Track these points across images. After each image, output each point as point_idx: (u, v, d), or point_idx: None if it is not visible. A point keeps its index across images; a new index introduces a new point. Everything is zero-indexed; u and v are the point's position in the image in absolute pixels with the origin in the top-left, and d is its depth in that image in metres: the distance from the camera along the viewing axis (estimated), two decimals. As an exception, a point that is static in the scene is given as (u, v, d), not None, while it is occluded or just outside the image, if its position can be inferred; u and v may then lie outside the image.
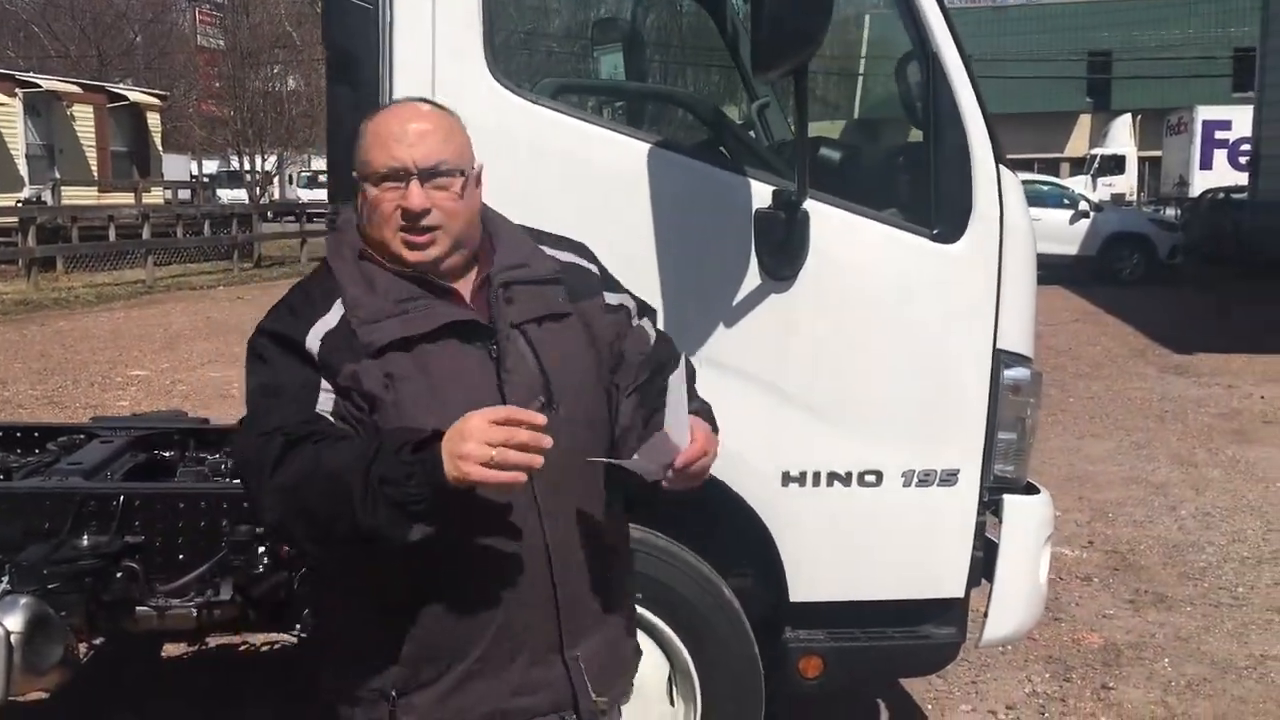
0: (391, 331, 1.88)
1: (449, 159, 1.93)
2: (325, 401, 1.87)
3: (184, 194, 29.02)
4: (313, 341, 1.89)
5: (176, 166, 34.82)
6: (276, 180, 35.52)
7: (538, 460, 1.70)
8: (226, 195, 35.54)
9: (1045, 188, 21.62)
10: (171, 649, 4.51)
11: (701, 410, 2.05)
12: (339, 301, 1.93)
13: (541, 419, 1.73)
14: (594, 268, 2.14)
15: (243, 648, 4.59)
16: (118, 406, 9.12)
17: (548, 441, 1.71)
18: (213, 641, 4.46)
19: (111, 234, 20.85)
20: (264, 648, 4.59)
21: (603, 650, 2.06)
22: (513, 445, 1.68)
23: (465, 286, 1.99)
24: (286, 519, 1.84)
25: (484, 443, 1.68)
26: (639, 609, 2.91)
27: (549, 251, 2.10)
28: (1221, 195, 25.78)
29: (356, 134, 1.98)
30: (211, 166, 40.97)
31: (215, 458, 4.02)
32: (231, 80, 30.35)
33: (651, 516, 2.97)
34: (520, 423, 1.70)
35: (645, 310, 2.20)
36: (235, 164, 34.71)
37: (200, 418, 4.70)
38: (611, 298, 2.13)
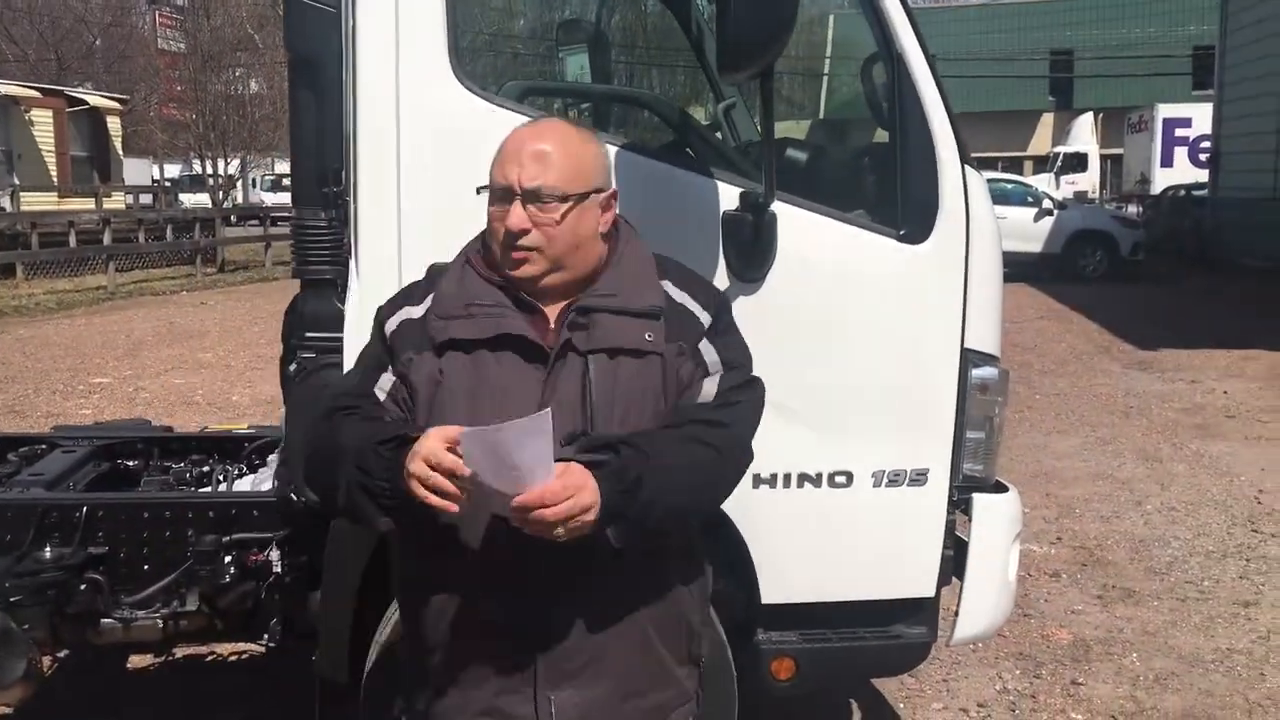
0: (452, 331, 1.98)
1: (553, 184, 1.96)
2: (385, 382, 2.01)
3: (146, 199, 28.69)
4: (390, 325, 2.05)
5: (138, 171, 34.44)
6: (240, 184, 35.19)
7: (451, 506, 1.74)
8: (189, 200, 35.20)
9: (1009, 186, 21.80)
10: (137, 660, 4.46)
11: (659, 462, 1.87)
12: (433, 295, 2.05)
13: (463, 470, 1.72)
14: (705, 316, 2.05)
15: (210, 658, 4.54)
16: (80, 415, 9.00)
17: (453, 492, 1.73)
18: (179, 652, 4.42)
19: (72, 240, 20.57)
20: (231, 658, 4.55)
21: (589, 703, 1.98)
22: (430, 483, 1.74)
23: (559, 307, 2.02)
24: (307, 478, 2.05)
25: (425, 462, 1.73)
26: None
27: (667, 288, 2.07)
28: (1182, 192, 26.11)
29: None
30: (173, 171, 40.57)
31: (180, 466, 3.98)
32: (193, 83, 30.01)
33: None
34: (443, 466, 1.73)
35: (730, 366, 2.06)
36: (198, 168, 34.37)
37: (164, 426, 4.65)
38: (705, 348, 2.03)
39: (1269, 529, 6.31)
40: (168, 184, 36.29)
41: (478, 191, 2.03)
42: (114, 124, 27.47)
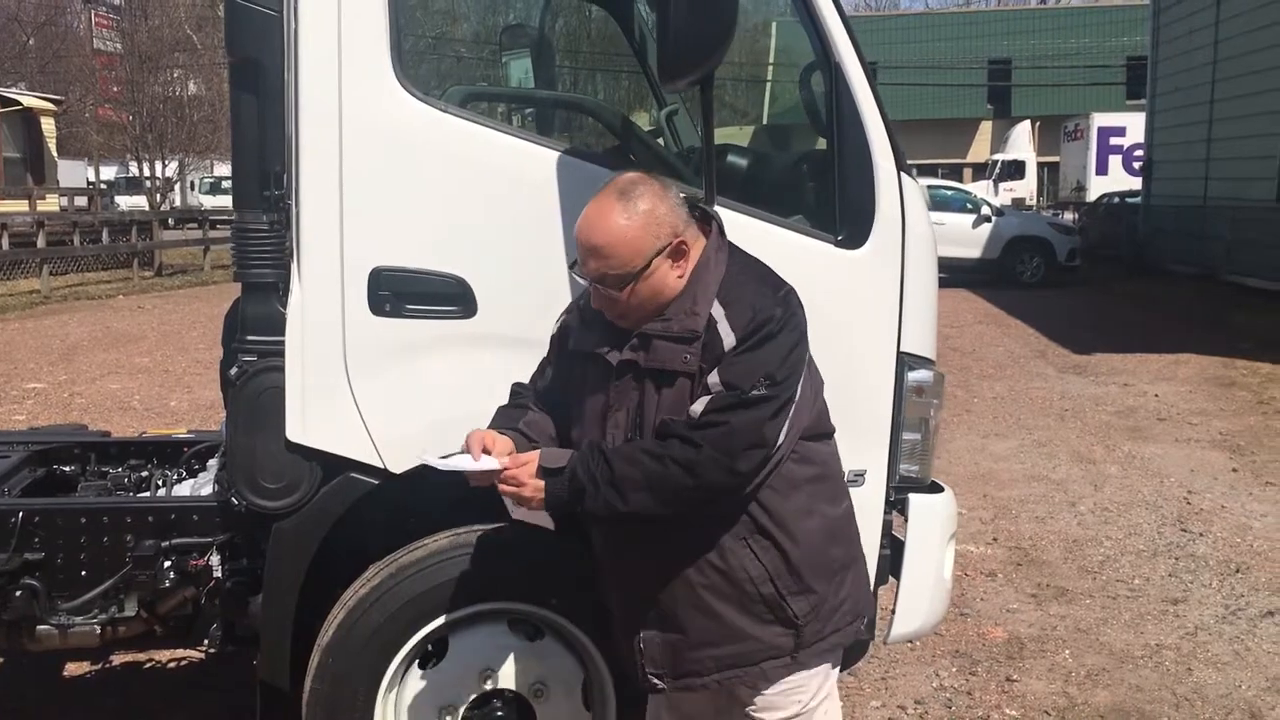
0: (569, 340, 2.49)
1: (613, 273, 2.27)
2: (547, 375, 2.57)
3: (81, 201, 28.18)
4: (555, 325, 2.56)
5: (73, 173, 33.78)
6: (178, 187, 34.69)
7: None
8: (125, 202, 34.66)
9: (949, 193, 22.11)
10: (74, 667, 4.40)
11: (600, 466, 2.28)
12: (576, 300, 2.53)
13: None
14: (731, 338, 2.24)
15: (149, 665, 4.49)
16: (13, 421, 8.84)
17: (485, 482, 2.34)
18: (118, 659, 4.38)
19: (4, 242, 20.14)
20: (170, 664, 4.50)
21: (666, 644, 2.44)
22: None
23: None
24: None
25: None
26: (551, 613, 2.96)
27: (713, 309, 2.28)
28: (1117, 200, 26.65)
29: None
30: (109, 173, 39.88)
31: (118, 472, 3.93)
32: (130, 84, 29.56)
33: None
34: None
35: (730, 387, 2.24)
36: (134, 170, 33.85)
37: (101, 431, 4.59)
38: (717, 369, 2.25)
39: (1197, 528, 6.47)
40: (103, 186, 35.65)
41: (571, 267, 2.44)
42: (48, 125, 26.94)
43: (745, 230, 2.93)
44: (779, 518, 2.35)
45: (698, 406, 2.24)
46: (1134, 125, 29.16)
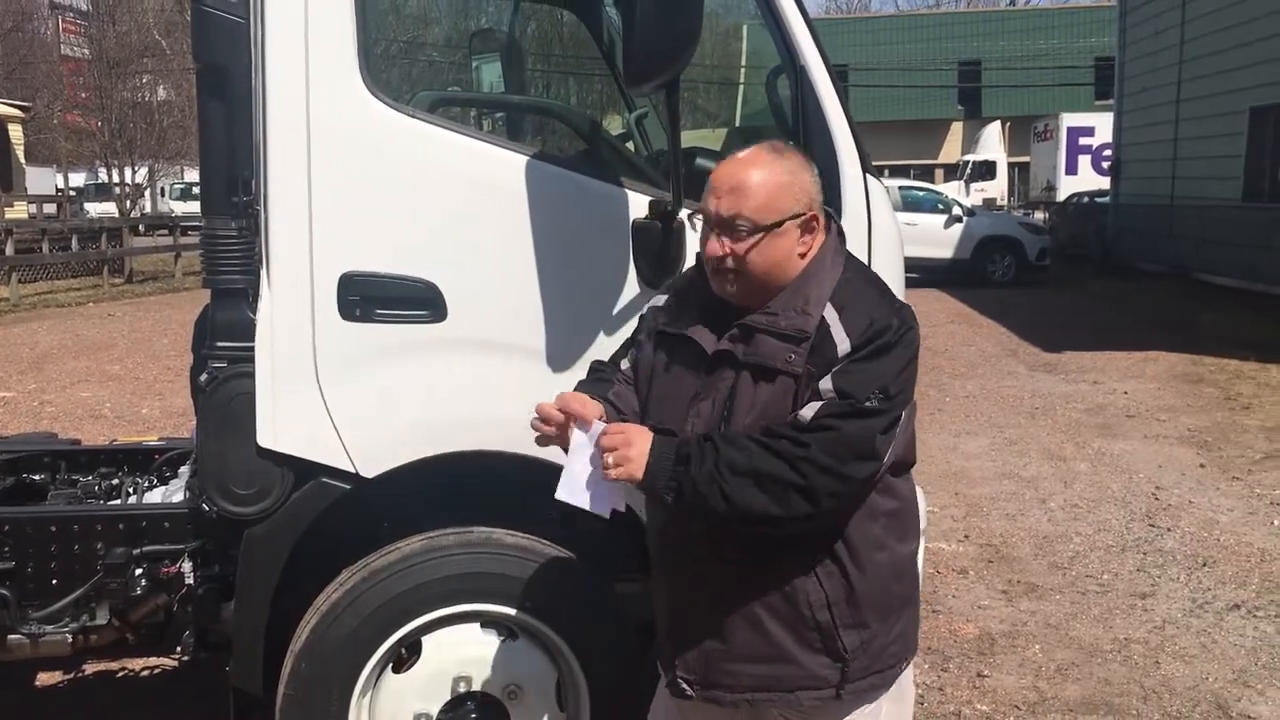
0: (661, 324, 2.37)
1: (748, 214, 2.18)
2: (632, 358, 2.45)
3: (50, 208, 27.95)
4: (645, 308, 2.49)
5: (41, 180, 33.48)
6: (148, 193, 34.46)
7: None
8: (95, 209, 34.37)
9: (920, 193, 22.22)
10: (46, 677, 4.38)
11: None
12: (674, 289, 2.44)
13: (558, 418, 2.22)
14: (845, 343, 2.15)
15: (121, 674, 4.47)
16: (-18, 430, 8.77)
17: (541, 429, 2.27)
18: (90, 668, 4.36)
19: (-28, 250, 19.98)
20: (144, 672, 4.48)
21: (707, 654, 2.33)
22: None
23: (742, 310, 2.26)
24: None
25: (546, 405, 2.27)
26: (525, 615, 2.97)
27: (826, 311, 2.19)
28: (1086, 199, 26.87)
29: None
30: (79, 179, 39.59)
31: (88, 480, 3.92)
32: (98, 90, 29.36)
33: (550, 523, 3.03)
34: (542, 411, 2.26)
35: (843, 395, 2.13)
36: (104, 176, 33.61)
37: (71, 439, 4.56)
38: (831, 375, 2.14)
39: (1165, 523, 6.55)
40: (72, 193, 35.39)
41: (690, 218, 2.38)
42: (15, 132, 26.71)
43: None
44: (852, 545, 2.24)
45: (807, 411, 2.13)
46: (1103, 125, 29.40)
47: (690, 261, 2.90)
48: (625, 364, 2.46)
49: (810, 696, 2.28)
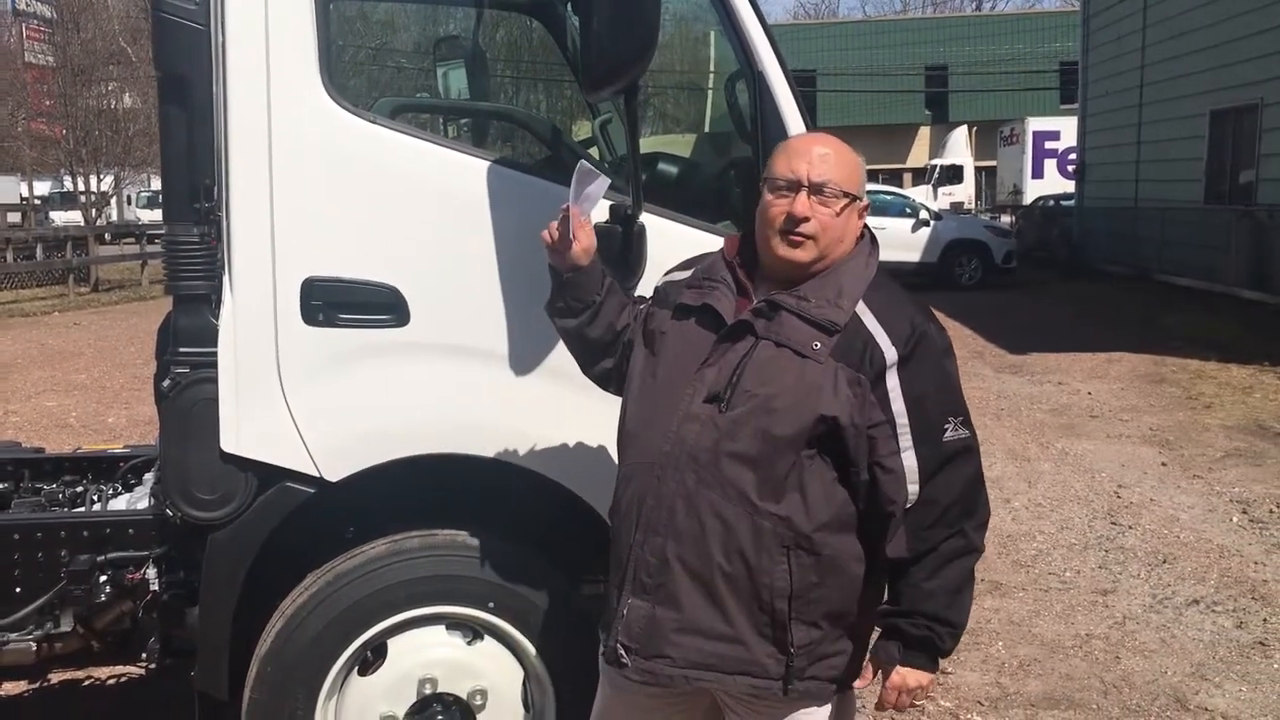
0: (681, 298, 2.40)
1: (838, 181, 2.28)
2: (637, 306, 2.56)
3: (14, 217, 27.69)
4: (660, 280, 2.55)
5: (5, 188, 33.22)
6: (114, 201, 34.15)
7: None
8: (60, 217, 34.06)
9: (889, 197, 22.33)
10: (10, 687, 4.35)
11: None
12: (695, 268, 2.47)
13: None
14: (893, 351, 2.22)
15: (87, 682, 4.46)
16: (-54, 440, 8.67)
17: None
18: (55, 678, 4.33)
19: (-65, 260, 19.79)
20: (109, 681, 4.47)
21: (651, 619, 2.29)
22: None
23: (768, 291, 2.32)
24: None
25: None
26: (489, 616, 2.99)
27: (859, 310, 2.26)
28: (1052, 203, 27.14)
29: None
30: (43, 187, 39.16)
31: (52, 488, 3.90)
32: (63, 97, 29.05)
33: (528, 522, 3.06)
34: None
35: (924, 433, 2.25)
36: (69, 184, 33.29)
37: (36, 447, 4.54)
38: (891, 389, 2.22)
39: (1127, 521, 6.65)
40: (37, 201, 35.03)
41: (762, 184, 2.35)
42: (-22, 140, 26.46)
43: (672, 236, 3.00)
44: (831, 547, 2.26)
45: (909, 462, 2.22)
46: (1068, 129, 29.72)
47: (651, 266, 2.94)
48: (641, 307, 2.54)
49: (748, 683, 2.29)
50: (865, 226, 2.42)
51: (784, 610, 2.25)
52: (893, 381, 2.22)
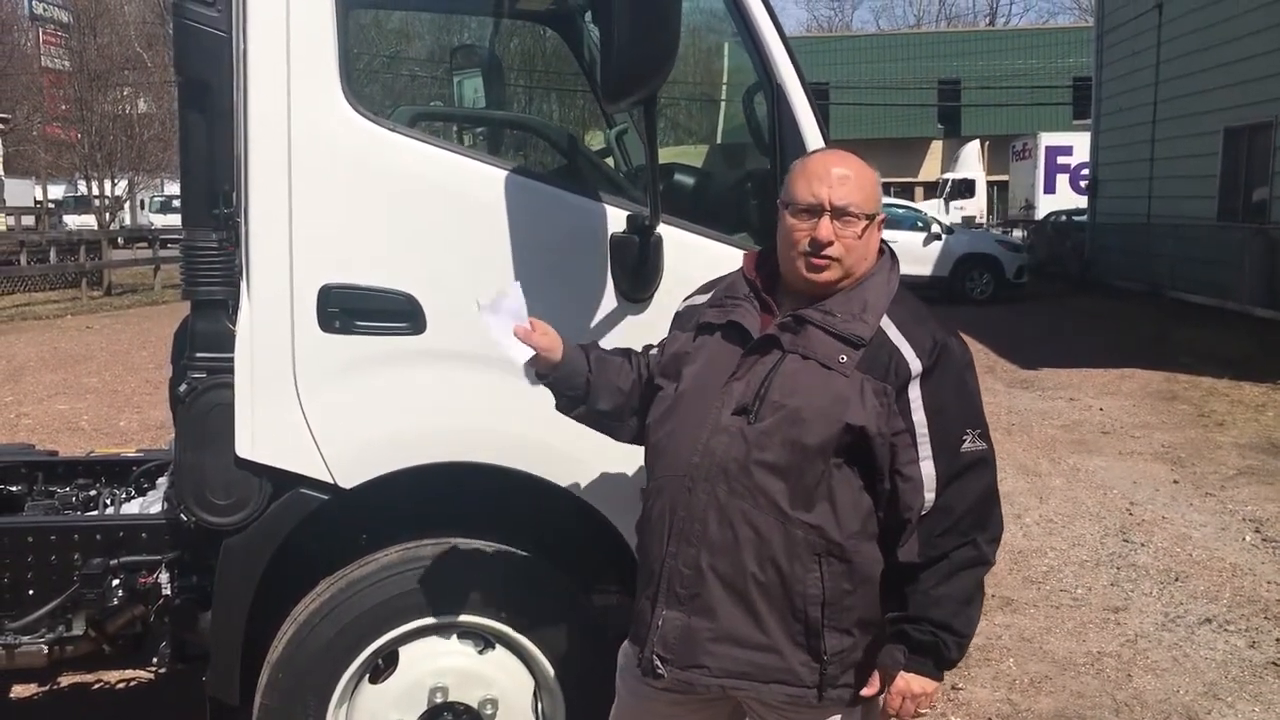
0: (706, 317, 2.43)
1: (859, 204, 2.29)
2: (652, 349, 2.58)
3: (28, 220, 27.82)
4: (680, 305, 2.58)
5: (20, 191, 33.37)
6: (128, 205, 34.31)
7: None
8: (74, 221, 34.21)
9: (900, 211, 22.29)
10: (22, 689, 4.36)
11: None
12: (716, 290, 2.49)
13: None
14: (917, 363, 2.25)
15: (97, 686, 4.46)
16: (-42, 442, 8.71)
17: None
18: (65, 680, 4.34)
19: (-50, 262, 19.88)
20: (119, 685, 4.47)
21: (686, 630, 2.31)
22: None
23: (792, 306, 2.35)
24: None
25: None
26: (501, 625, 2.99)
27: (884, 324, 2.30)
28: (1064, 218, 27.07)
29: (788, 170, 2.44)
30: (57, 191, 39.39)
31: (66, 491, 3.91)
32: (79, 102, 29.22)
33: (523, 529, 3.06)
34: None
35: (942, 442, 2.27)
36: (83, 189, 33.46)
37: (49, 450, 4.56)
38: (914, 399, 2.25)
39: (1139, 538, 6.62)
40: (51, 205, 35.21)
41: (782, 206, 2.36)
42: (-6, 143, 26.63)
43: (692, 247, 3.01)
44: (862, 555, 2.29)
45: (926, 471, 2.25)
46: (1080, 144, 29.64)
47: (668, 276, 2.94)
48: (654, 350, 2.56)
49: (784, 691, 2.31)
50: (883, 241, 2.44)
51: (817, 618, 2.28)
52: (915, 392, 2.25)
